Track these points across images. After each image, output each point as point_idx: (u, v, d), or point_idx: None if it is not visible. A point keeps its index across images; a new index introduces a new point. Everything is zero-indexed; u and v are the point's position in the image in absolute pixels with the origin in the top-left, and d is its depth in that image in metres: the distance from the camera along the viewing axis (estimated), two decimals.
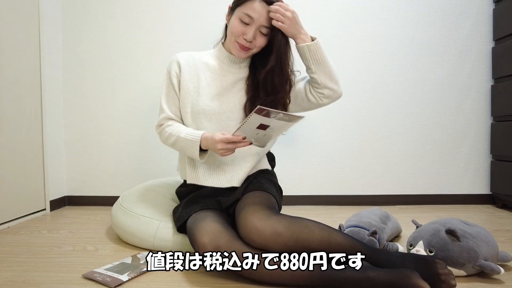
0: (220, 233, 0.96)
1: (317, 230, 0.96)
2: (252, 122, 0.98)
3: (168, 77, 1.26)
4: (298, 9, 1.15)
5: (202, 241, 0.95)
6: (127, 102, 2.06)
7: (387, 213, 1.38)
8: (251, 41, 1.14)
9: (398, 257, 0.94)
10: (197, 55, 1.29)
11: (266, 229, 0.94)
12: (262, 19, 1.12)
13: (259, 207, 1.01)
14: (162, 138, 1.25)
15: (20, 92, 1.74)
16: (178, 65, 1.25)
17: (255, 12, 1.11)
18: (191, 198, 1.22)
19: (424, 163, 2.06)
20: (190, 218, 1.11)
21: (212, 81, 1.24)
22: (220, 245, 0.93)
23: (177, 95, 1.25)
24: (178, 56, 1.28)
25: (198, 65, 1.26)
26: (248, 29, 1.13)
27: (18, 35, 1.73)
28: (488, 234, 1.07)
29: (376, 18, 2.03)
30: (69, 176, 2.10)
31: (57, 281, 1.01)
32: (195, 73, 1.25)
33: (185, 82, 1.24)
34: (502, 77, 1.94)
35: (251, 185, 1.18)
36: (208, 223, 1.00)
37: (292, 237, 0.93)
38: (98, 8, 2.04)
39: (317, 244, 0.93)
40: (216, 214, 1.09)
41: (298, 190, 2.06)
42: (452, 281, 0.86)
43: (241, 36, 1.14)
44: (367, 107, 2.05)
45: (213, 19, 1.99)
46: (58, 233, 1.51)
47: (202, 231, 0.97)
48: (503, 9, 1.92)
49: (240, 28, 1.14)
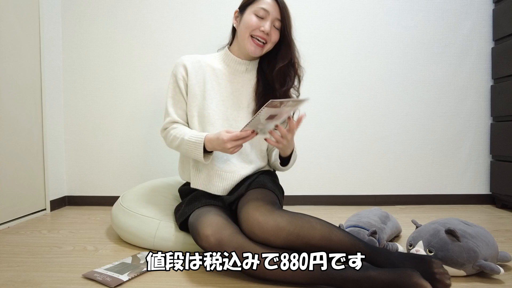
0: (223, 225, 0.97)
1: (319, 226, 0.96)
2: (263, 115, 0.98)
3: (174, 80, 1.26)
4: (298, 9, 1.17)
5: (205, 232, 0.95)
6: (127, 102, 2.06)
7: (387, 213, 1.38)
8: (268, 33, 1.19)
9: (396, 257, 0.95)
10: (202, 58, 1.30)
11: (268, 223, 0.94)
12: (276, 12, 1.19)
13: (262, 202, 1.02)
14: (167, 142, 1.26)
15: (20, 92, 1.74)
16: (184, 68, 1.26)
17: (270, 6, 1.18)
18: (194, 196, 1.22)
19: (424, 163, 2.07)
20: (193, 214, 1.11)
21: (218, 86, 1.25)
22: (223, 237, 0.94)
23: (184, 98, 1.26)
24: (184, 59, 1.28)
25: (204, 68, 1.27)
26: (264, 22, 1.19)
27: (18, 35, 1.73)
28: (487, 234, 1.07)
29: (376, 18, 2.03)
30: (69, 176, 2.11)
31: (57, 281, 1.01)
32: (201, 77, 1.25)
33: (192, 86, 1.25)
34: (502, 77, 1.94)
35: (254, 183, 1.19)
36: (211, 216, 1.01)
37: (294, 232, 0.94)
38: (98, 8, 2.04)
39: (318, 240, 0.94)
40: (219, 209, 1.10)
41: (298, 190, 2.06)
42: (446, 280, 0.87)
43: (257, 29, 1.19)
44: (367, 107, 2.05)
45: (214, 19, 2.00)
46: (58, 233, 1.51)
47: (205, 223, 0.98)
48: (503, 9, 1.92)
49: (257, 22, 1.18)
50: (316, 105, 2.03)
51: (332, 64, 2.04)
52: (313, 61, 2.03)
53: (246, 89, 1.27)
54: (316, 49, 2.03)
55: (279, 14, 1.20)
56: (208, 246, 0.95)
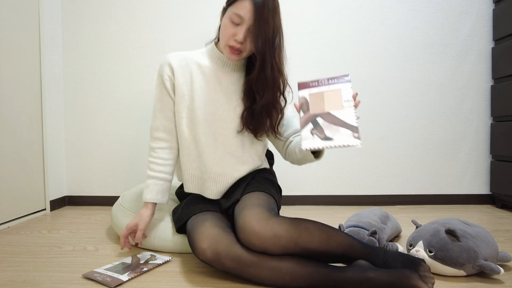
0: (219, 237, 0.96)
1: (317, 232, 0.95)
2: (304, 102, 0.93)
3: (161, 81, 1.20)
4: (298, 9, 1.14)
5: (202, 246, 0.95)
6: (127, 102, 2.06)
7: (387, 213, 1.38)
8: (242, 43, 1.08)
9: (390, 256, 0.96)
10: (189, 55, 1.23)
11: (265, 232, 0.92)
12: (251, 19, 1.05)
13: (258, 209, 1.00)
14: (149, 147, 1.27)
15: (20, 92, 1.74)
16: (170, 67, 1.19)
17: (245, 11, 1.04)
18: (190, 199, 1.21)
19: (424, 163, 2.07)
20: (190, 220, 1.10)
21: (206, 84, 1.19)
22: (220, 250, 0.93)
23: (172, 99, 1.20)
24: (169, 57, 1.20)
25: (191, 65, 1.20)
26: (238, 29, 1.07)
27: (18, 35, 1.73)
28: (487, 234, 1.07)
29: (376, 18, 2.03)
30: (69, 176, 2.11)
31: (57, 281, 1.01)
32: (188, 75, 1.19)
33: (179, 85, 1.18)
34: (502, 77, 1.94)
35: (249, 186, 1.16)
36: (207, 228, 0.99)
37: (292, 240, 0.92)
38: (98, 8, 2.04)
39: (316, 246, 0.93)
40: (215, 216, 1.08)
41: (298, 190, 2.06)
42: (428, 284, 0.86)
43: (231, 38, 1.08)
44: (367, 107, 2.05)
45: (214, 19, 1.99)
46: (58, 233, 1.51)
47: (201, 236, 0.97)
48: (503, 9, 1.92)
49: (231, 30, 1.07)
50: None
51: (332, 64, 2.03)
52: (313, 61, 2.03)
53: (236, 88, 1.19)
54: (315, 49, 2.02)
55: (253, 20, 1.04)
56: (205, 259, 0.95)
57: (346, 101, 0.92)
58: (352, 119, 0.89)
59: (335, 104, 0.92)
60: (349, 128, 0.88)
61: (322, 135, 0.89)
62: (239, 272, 0.93)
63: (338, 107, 0.91)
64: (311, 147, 0.89)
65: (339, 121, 0.90)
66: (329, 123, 0.90)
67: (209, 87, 1.18)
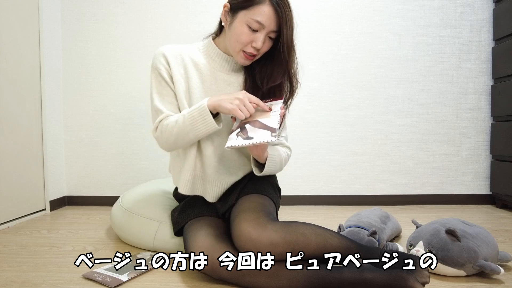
0: (215, 246, 0.95)
1: (314, 237, 0.94)
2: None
3: (157, 73, 1.11)
4: (298, 9, 1.13)
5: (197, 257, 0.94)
6: (127, 102, 2.06)
7: (387, 213, 1.38)
8: (260, 48, 1.05)
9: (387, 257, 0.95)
10: (184, 50, 1.15)
11: (262, 239, 0.91)
12: (273, 24, 1.02)
13: (254, 215, 0.97)
14: (163, 138, 1.08)
15: (20, 92, 1.74)
16: (165, 58, 1.11)
17: (266, 18, 1.00)
18: (187, 202, 1.19)
19: (424, 163, 2.06)
20: (186, 226, 1.09)
21: (202, 84, 1.13)
22: (215, 261, 0.92)
23: (172, 89, 1.11)
24: (162, 49, 1.12)
25: (186, 60, 1.13)
26: (257, 36, 1.02)
27: (18, 35, 1.73)
28: (488, 234, 1.07)
29: (376, 18, 2.03)
30: (69, 176, 2.10)
31: (57, 281, 1.01)
32: (184, 70, 1.12)
33: (176, 77, 1.10)
34: (502, 77, 1.94)
35: (245, 188, 1.13)
36: (202, 237, 0.98)
37: (289, 247, 0.91)
38: (98, 8, 2.04)
39: (313, 251, 0.93)
40: (211, 223, 1.07)
41: (298, 190, 2.06)
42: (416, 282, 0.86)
43: (249, 45, 1.04)
44: (367, 107, 2.05)
45: (214, 19, 1.99)
46: (58, 233, 1.51)
47: (197, 246, 0.96)
48: (503, 9, 1.92)
49: (249, 37, 1.02)
50: (316, 105, 2.03)
51: (332, 64, 2.03)
52: (313, 61, 2.03)
53: (233, 89, 1.15)
54: (316, 49, 2.02)
55: (277, 26, 1.03)
56: (201, 270, 0.94)
57: (274, 111, 1.02)
58: (274, 123, 0.99)
59: (264, 114, 1.03)
60: (269, 129, 0.98)
61: (245, 136, 0.99)
62: (236, 281, 0.93)
63: (266, 116, 1.02)
64: (232, 145, 0.98)
65: (263, 125, 1.00)
66: (253, 127, 1.00)
67: (206, 87, 1.14)
